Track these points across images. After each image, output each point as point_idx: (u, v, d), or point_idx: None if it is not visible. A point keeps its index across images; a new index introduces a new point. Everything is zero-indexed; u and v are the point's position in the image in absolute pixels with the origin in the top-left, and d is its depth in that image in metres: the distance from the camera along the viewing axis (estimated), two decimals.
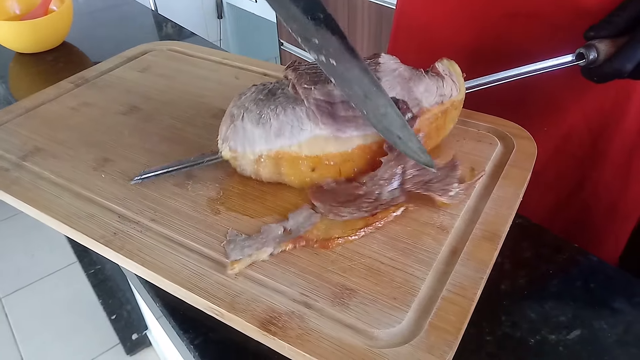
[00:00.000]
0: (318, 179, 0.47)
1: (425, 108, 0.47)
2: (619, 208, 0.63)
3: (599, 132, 0.60)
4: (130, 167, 0.51)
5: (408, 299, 0.37)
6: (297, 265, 0.40)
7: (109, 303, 1.57)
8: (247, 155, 0.47)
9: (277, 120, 0.45)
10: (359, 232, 0.42)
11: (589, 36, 0.48)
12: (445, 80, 0.49)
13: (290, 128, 0.45)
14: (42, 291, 1.85)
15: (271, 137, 0.45)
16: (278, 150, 0.46)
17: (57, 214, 0.46)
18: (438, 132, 0.50)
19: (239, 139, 0.46)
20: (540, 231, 0.46)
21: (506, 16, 0.59)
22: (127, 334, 1.63)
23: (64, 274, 1.90)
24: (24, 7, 0.86)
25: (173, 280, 0.39)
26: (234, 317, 0.37)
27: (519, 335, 0.37)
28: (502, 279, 0.41)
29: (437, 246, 0.41)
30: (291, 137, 0.45)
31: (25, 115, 0.61)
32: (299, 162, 0.46)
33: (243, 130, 0.46)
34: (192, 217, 0.45)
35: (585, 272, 0.41)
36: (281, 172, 0.47)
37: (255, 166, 0.47)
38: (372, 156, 0.47)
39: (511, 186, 0.47)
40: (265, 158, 0.46)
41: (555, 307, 0.38)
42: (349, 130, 0.45)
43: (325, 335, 0.35)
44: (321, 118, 0.45)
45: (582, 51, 0.48)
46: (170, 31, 0.99)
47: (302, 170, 0.46)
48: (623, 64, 0.46)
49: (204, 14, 2.72)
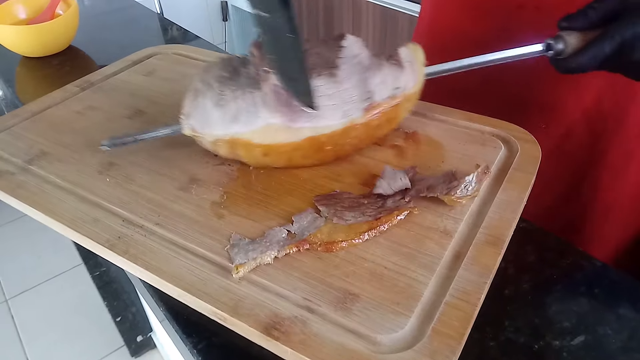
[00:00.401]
0: (271, 163, 0.50)
1: (376, 102, 0.48)
2: (616, 211, 0.62)
3: (598, 133, 0.60)
4: (134, 171, 0.52)
5: (411, 304, 0.37)
6: (300, 269, 0.40)
7: (114, 305, 1.57)
8: (205, 136, 0.49)
9: (235, 103, 0.47)
10: (362, 236, 0.42)
11: (562, 26, 0.48)
12: (404, 70, 0.49)
13: (247, 114, 0.47)
14: (47, 293, 1.86)
15: (227, 122, 0.47)
16: (232, 136, 0.48)
17: (63, 218, 0.47)
18: (389, 122, 0.52)
19: (199, 119, 0.49)
20: (544, 235, 0.45)
21: (514, 8, 0.59)
22: (132, 336, 1.63)
23: (69, 275, 1.91)
24: (30, 12, 0.86)
25: (177, 285, 0.39)
26: (237, 322, 0.37)
27: (522, 340, 0.37)
28: (505, 283, 0.41)
29: (440, 251, 0.41)
30: (246, 123, 0.47)
31: (31, 119, 0.62)
32: (252, 148, 0.48)
33: (203, 109, 0.48)
34: (196, 221, 0.46)
35: (589, 277, 0.41)
36: (237, 153, 0.50)
37: (213, 146, 0.50)
38: (320, 146, 0.49)
39: (515, 190, 0.47)
40: (222, 142, 0.48)
41: (559, 312, 0.38)
42: (301, 121, 0.47)
43: (328, 340, 0.35)
44: (276, 105, 0.46)
45: (551, 42, 0.48)
46: (175, 34, 0.99)
47: (255, 155, 0.49)
48: (587, 62, 0.45)
49: (209, 17, 2.72)
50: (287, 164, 0.50)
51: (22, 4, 0.86)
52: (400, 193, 0.46)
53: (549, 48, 0.48)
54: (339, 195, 0.47)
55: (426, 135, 0.55)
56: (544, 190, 0.63)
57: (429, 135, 0.55)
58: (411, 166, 0.50)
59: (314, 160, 0.50)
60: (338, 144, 0.49)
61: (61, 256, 1.95)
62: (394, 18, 1.72)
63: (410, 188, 0.47)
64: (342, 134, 0.48)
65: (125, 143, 0.53)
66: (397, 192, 0.46)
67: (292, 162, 0.50)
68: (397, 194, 0.46)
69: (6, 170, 0.53)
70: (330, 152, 0.50)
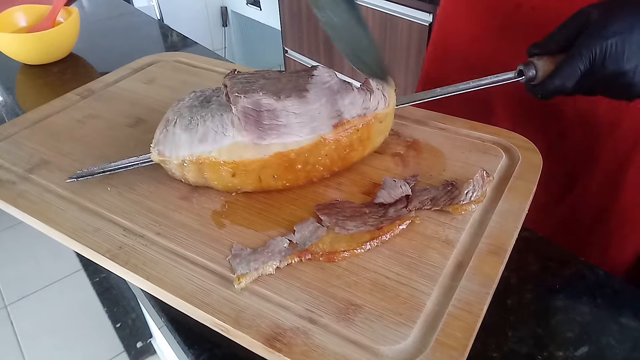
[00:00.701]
0: (240, 184, 0.48)
1: (345, 120, 0.48)
2: (609, 215, 0.62)
3: (593, 136, 0.60)
4: (135, 180, 0.52)
5: (414, 315, 0.37)
6: (302, 279, 0.40)
7: (113, 311, 1.57)
8: (172, 160, 0.48)
9: (203, 126, 0.47)
10: (364, 246, 0.42)
11: (532, 53, 0.48)
12: (374, 94, 0.50)
13: (214, 134, 0.47)
14: (47, 299, 1.85)
15: (195, 142, 0.47)
16: (199, 156, 0.47)
17: (63, 228, 0.46)
18: (362, 143, 0.51)
19: (168, 144, 0.48)
20: (546, 244, 0.45)
21: (512, 7, 0.60)
22: (131, 342, 1.63)
23: (68, 281, 1.91)
24: (31, 19, 0.86)
25: (178, 295, 0.39)
26: (239, 333, 0.37)
27: (525, 351, 0.36)
28: (508, 293, 0.40)
29: (442, 260, 0.41)
30: (213, 142, 0.47)
31: (31, 127, 0.62)
32: (219, 167, 0.47)
33: (172, 135, 0.48)
34: (197, 230, 0.46)
35: (591, 287, 0.41)
36: (205, 176, 0.48)
37: (181, 170, 0.49)
38: (290, 164, 0.48)
39: (517, 199, 0.47)
40: (188, 163, 0.48)
41: (562, 322, 0.38)
42: (270, 138, 0.46)
43: (330, 351, 0.35)
44: (245, 125, 0.46)
45: (522, 68, 0.49)
46: (175, 41, 1.00)
47: (223, 176, 0.48)
48: (561, 83, 0.46)
49: (209, 23, 2.73)
50: (256, 186, 0.49)
51: (23, 12, 0.86)
52: (402, 201, 0.46)
53: (520, 74, 0.49)
54: (341, 204, 0.47)
55: (427, 144, 0.55)
56: (537, 190, 0.63)
57: (430, 144, 0.55)
58: (412, 175, 0.50)
59: (284, 180, 0.48)
60: (309, 163, 0.48)
61: (60, 262, 1.95)
62: (394, 24, 1.72)
63: (411, 195, 0.47)
64: (312, 150, 0.47)
65: (93, 175, 0.51)
66: (399, 201, 0.46)
67: (262, 183, 0.48)
68: (398, 203, 0.46)
69: (7, 179, 0.53)
70: (301, 173, 0.48)
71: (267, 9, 2.43)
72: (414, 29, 1.66)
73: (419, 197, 0.47)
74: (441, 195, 0.47)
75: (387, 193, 0.47)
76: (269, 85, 0.48)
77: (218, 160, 0.47)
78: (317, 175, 0.49)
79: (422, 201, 0.46)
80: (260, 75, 0.51)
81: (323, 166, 0.49)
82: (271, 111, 0.46)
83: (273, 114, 0.46)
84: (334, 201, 0.48)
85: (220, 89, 0.52)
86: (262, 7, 2.47)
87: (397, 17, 1.70)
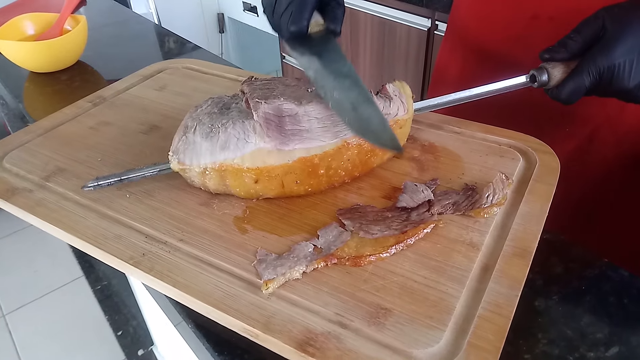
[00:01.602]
0: (262, 190, 0.48)
1: None
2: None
3: (621, 138, 0.60)
4: (154, 187, 0.51)
5: (444, 318, 0.37)
6: (329, 284, 0.40)
7: (115, 319, 1.56)
8: (193, 168, 0.48)
9: (225, 133, 0.47)
10: (390, 250, 0.42)
11: (544, 58, 0.49)
12: (393, 100, 0.50)
13: (236, 141, 0.46)
14: (45, 308, 1.84)
15: (217, 149, 0.47)
16: (222, 163, 0.47)
17: (85, 235, 0.46)
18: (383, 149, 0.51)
19: (188, 152, 0.48)
20: (567, 246, 0.46)
21: (529, 18, 0.60)
22: (133, 350, 1.62)
23: (67, 290, 1.89)
24: (38, 27, 0.86)
25: (206, 302, 0.39)
26: (270, 338, 0.36)
27: (557, 352, 0.37)
28: (535, 295, 0.41)
29: (468, 264, 0.41)
30: (235, 150, 0.46)
31: (44, 135, 0.62)
32: (242, 174, 0.47)
33: (193, 143, 0.47)
34: (220, 236, 0.45)
35: (617, 288, 0.41)
36: (226, 184, 0.48)
37: (202, 178, 0.48)
38: (314, 169, 0.48)
39: (537, 202, 0.47)
40: (210, 170, 0.47)
41: (591, 323, 0.38)
42: (293, 143, 0.46)
43: (364, 356, 0.35)
44: (267, 131, 0.46)
45: (535, 73, 0.49)
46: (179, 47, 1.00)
47: (245, 182, 0.47)
48: (569, 95, 0.46)
49: (206, 29, 2.73)
50: (279, 192, 0.49)
51: (30, 20, 0.85)
52: (424, 206, 0.46)
53: (533, 80, 0.49)
54: (362, 208, 0.47)
55: (444, 147, 0.55)
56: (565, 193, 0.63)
57: (447, 148, 0.55)
58: (432, 179, 0.50)
59: (307, 186, 0.48)
60: (331, 168, 0.48)
61: (59, 270, 1.93)
62: (393, 30, 1.73)
63: (433, 200, 0.47)
64: (335, 154, 0.48)
65: (110, 183, 0.51)
66: (421, 205, 0.47)
67: (285, 189, 0.48)
68: (420, 207, 0.46)
69: (24, 187, 0.53)
70: (323, 178, 0.49)
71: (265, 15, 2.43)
72: (412, 34, 1.67)
73: (441, 201, 0.47)
74: (462, 200, 0.47)
75: (409, 197, 0.47)
76: (289, 92, 0.49)
77: (241, 167, 0.47)
78: (339, 180, 0.49)
79: (444, 206, 0.46)
80: (278, 81, 0.51)
81: (345, 171, 0.49)
82: (293, 116, 0.46)
83: (295, 119, 0.46)
84: (355, 205, 0.48)
85: (238, 96, 0.52)
86: (259, 13, 2.48)
87: (396, 23, 1.71)
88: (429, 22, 1.60)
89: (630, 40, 0.44)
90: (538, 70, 0.49)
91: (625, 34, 0.44)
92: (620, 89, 0.45)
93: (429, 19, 1.59)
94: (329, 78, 0.47)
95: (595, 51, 0.45)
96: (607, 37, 0.44)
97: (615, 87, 0.45)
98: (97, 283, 1.55)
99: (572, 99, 0.46)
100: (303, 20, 0.50)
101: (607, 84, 0.45)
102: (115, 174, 0.52)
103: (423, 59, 1.70)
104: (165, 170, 0.51)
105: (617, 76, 0.44)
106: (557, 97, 0.47)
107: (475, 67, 0.71)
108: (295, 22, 0.50)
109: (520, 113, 0.62)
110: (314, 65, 0.48)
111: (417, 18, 1.63)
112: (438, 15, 1.56)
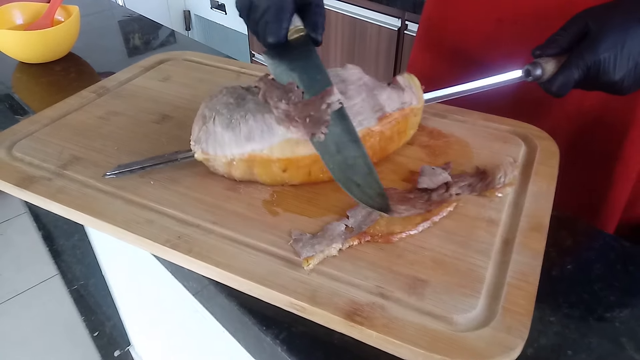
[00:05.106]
0: (289, 178, 0.50)
1: (388, 113, 0.52)
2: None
3: (612, 125, 0.63)
4: (177, 174, 0.52)
5: (477, 286, 0.40)
6: (365, 260, 0.43)
7: (91, 320, 1.53)
8: (218, 158, 0.49)
9: (246, 125, 0.48)
10: (417, 227, 0.45)
11: (535, 54, 0.52)
12: (405, 91, 0.53)
13: (261, 132, 0.48)
14: (12, 312, 1.77)
15: (242, 140, 0.48)
16: (250, 154, 0.48)
17: (115, 220, 0.46)
18: (399, 135, 0.54)
19: (211, 142, 0.49)
20: (574, 222, 0.50)
21: (494, 21, 0.64)
22: (109, 350, 1.58)
23: (34, 292, 1.83)
24: (27, 17, 0.84)
25: (251, 279, 0.41)
26: (317, 310, 0.38)
27: (578, 314, 0.40)
28: (551, 265, 0.44)
29: (491, 238, 0.45)
30: (262, 140, 0.48)
31: (51, 125, 0.61)
32: (271, 164, 0.49)
33: (214, 133, 0.49)
34: (253, 218, 0.47)
35: (622, 257, 0.46)
36: (253, 172, 0.50)
37: (228, 168, 0.50)
38: None
39: (544, 182, 0.51)
40: (238, 161, 0.49)
41: (604, 288, 0.42)
42: (319, 133, 0.48)
43: (409, 322, 0.37)
44: (291, 122, 0.47)
45: (529, 68, 0.52)
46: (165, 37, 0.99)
47: (273, 171, 0.49)
48: (559, 88, 0.50)
49: (172, 26, 2.69)
50: (305, 179, 0.50)
51: (19, 9, 0.83)
52: (442, 187, 0.50)
53: (528, 74, 0.52)
54: (386, 190, 0.49)
55: (452, 134, 0.58)
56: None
57: (454, 134, 0.58)
58: (445, 163, 0.53)
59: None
60: None
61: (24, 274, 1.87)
62: (363, 29, 1.77)
63: (450, 181, 0.50)
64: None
65: (133, 171, 0.52)
66: (440, 187, 0.50)
67: (311, 176, 0.50)
68: (439, 188, 0.49)
69: (40, 175, 0.52)
70: None
71: (233, 13, 2.43)
72: (383, 33, 1.71)
73: (457, 183, 0.50)
74: (477, 182, 0.50)
75: (429, 179, 0.50)
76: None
77: (270, 157, 0.48)
78: None
79: (461, 187, 0.50)
80: None
81: None
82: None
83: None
84: None
85: (251, 89, 0.53)
86: (228, 11, 2.47)
87: (367, 22, 1.74)
88: (399, 22, 1.64)
89: (612, 36, 0.47)
90: (532, 65, 0.52)
91: (607, 31, 0.48)
92: (606, 82, 0.49)
93: (399, 18, 1.64)
94: None
95: (582, 47, 0.49)
96: (591, 34, 0.48)
97: (602, 80, 0.49)
98: (73, 283, 1.51)
99: (563, 91, 0.50)
100: (281, 30, 0.50)
101: (594, 76, 0.49)
102: (136, 161, 0.52)
103: (393, 58, 1.74)
104: (188, 158, 0.52)
105: (603, 69, 0.48)
106: (549, 90, 0.51)
107: (446, 66, 0.74)
108: (272, 32, 0.50)
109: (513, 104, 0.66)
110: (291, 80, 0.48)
111: (388, 18, 1.67)
112: (408, 16, 1.61)
